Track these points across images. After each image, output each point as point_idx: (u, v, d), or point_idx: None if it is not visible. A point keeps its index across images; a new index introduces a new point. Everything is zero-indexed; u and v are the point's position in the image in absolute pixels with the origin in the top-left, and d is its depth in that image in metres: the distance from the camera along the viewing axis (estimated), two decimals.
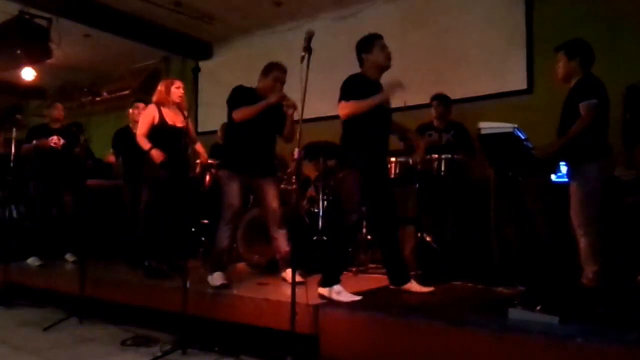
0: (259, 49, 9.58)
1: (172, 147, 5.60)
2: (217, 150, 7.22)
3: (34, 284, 6.48)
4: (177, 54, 10.39)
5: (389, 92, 4.52)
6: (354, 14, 8.35)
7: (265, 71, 5.33)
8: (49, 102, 7.71)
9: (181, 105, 5.94)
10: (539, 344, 3.15)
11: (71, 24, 8.39)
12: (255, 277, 5.59)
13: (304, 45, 3.95)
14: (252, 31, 9.58)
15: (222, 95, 5.87)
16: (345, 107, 4.40)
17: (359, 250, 6.21)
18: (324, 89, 7.73)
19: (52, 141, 6.97)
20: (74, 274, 5.76)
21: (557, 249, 4.76)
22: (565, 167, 4.60)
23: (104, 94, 10.81)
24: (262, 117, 5.00)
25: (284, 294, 4.08)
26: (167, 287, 5.07)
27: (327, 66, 7.64)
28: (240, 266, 6.43)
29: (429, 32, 7.75)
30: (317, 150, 6.45)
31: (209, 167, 6.86)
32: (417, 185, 6.05)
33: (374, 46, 4.63)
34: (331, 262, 4.46)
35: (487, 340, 3.32)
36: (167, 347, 4.24)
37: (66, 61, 9.76)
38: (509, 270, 5.05)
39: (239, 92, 5.19)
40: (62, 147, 7.04)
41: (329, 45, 8.33)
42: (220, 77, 9.69)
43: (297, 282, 3.88)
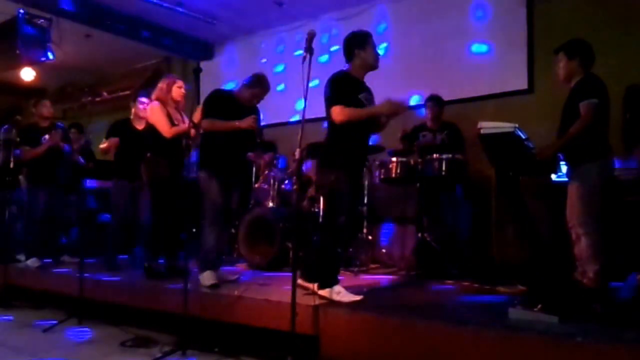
0: (260, 49, 9.60)
1: (176, 147, 5.49)
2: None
3: (33, 286, 6.47)
4: (179, 54, 10.38)
5: (391, 110, 4.44)
6: (356, 15, 8.34)
7: (250, 83, 5.33)
8: (35, 100, 7.42)
9: (180, 104, 5.84)
10: (539, 343, 3.15)
11: (72, 24, 8.40)
12: (255, 277, 5.57)
13: (306, 46, 3.92)
14: (254, 32, 9.57)
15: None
16: (342, 113, 4.29)
17: (360, 250, 6.21)
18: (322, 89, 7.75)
19: (54, 140, 6.80)
20: (73, 275, 5.75)
21: (558, 249, 4.74)
22: (565, 167, 4.59)
23: (105, 94, 10.81)
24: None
25: (285, 294, 4.07)
26: (167, 288, 5.06)
27: (328, 66, 7.66)
28: (241, 267, 6.43)
29: (430, 33, 7.75)
30: (318, 150, 6.46)
31: None
32: (417, 185, 6.04)
33: (367, 43, 4.52)
34: (326, 264, 4.41)
35: (487, 340, 3.31)
36: (167, 348, 4.23)
37: (67, 61, 9.73)
38: (509, 270, 5.05)
39: (216, 99, 5.20)
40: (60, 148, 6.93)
41: (330, 45, 8.35)
42: (221, 77, 9.69)
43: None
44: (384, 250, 6.47)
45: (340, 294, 4.23)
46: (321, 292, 4.23)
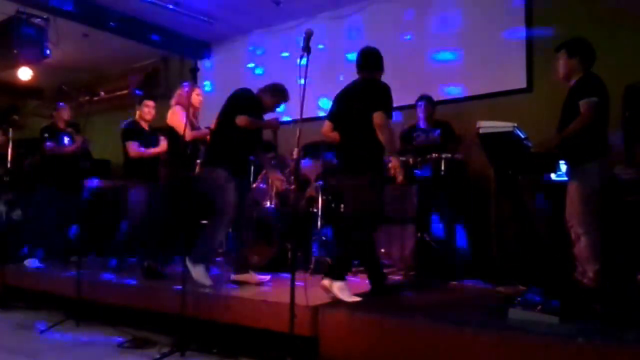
0: (258, 48, 9.58)
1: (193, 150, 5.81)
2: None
3: (30, 286, 6.44)
4: (176, 53, 10.36)
5: None
6: (353, 13, 8.33)
7: (273, 91, 5.43)
8: (56, 103, 7.79)
9: (197, 111, 6.08)
10: (539, 344, 3.14)
11: (69, 23, 8.37)
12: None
13: (303, 45, 3.93)
14: (251, 30, 9.54)
15: (220, 94, 5.89)
16: (384, 120, 4.46)
17: None
18: (322, 88, 7.74)
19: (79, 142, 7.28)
20: (70, 275, 5.73)
21: (558, 249, 4.73)
22: (565, 166, 4.58)
23: (102, 93, 10.77)
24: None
25: (283, 295, 4.05)
26: (165, 288, 5.04)
27: (325, 65, 7.63)
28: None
29: (428, 31, 7.73)
30: (317, 149, 6.44)
31: None
32: (417, 185, 6.03)
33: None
34: (345, 259, 4.54)
35: (487, 340, 3.30)
36: (165, 349, 4.22)
37: (64, 61, 9.74)
38: (509, 269, 5.04)
39: (253, 99, 5.31)
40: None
41: (327, 44, 8.33)
42: (218, 76, 9.67)
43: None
44: (383, 250, 6.44)
45: (343, 291, 4.27)
46: (324, 282, 4.32)
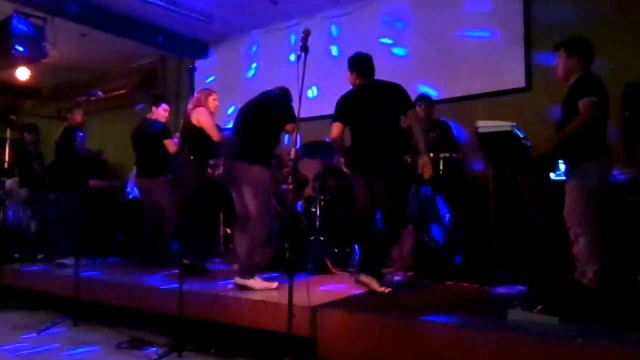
0: (255, 47, 9.57)
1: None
2: None
3: (28, 286, 6.41)
4: (174, 53, 10.34)
5: None
6: (351, 13, 8.33)
7: (288, 96, 5.43)
8: (71, 106, 8.00)
9: (214, 115, 6.24)
10: (539, 345, 3.13)
11: (67, 23, 8.35)
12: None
13: (301, 44, 3.91)
14: (249, 30, 9.53)
15: (218, 94, 5.93)
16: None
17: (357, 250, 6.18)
18: (320, 88, 7.74)
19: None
20: (68, 275, 5.71)
21: (557, 249, 4.72)
22: (563, 166, 4.57)
23: (99, 93, 10.76)
24: None
25: (281, 295, 4.04)
26: (163, 289, 5.02)
27: (323, 65, 7.62)
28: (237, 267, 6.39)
29: (426, 31, 7.72)
30: (316, 149, 6.43)
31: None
32: (415, 185, 6.01)
33: None
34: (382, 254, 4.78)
35: (486, 341, 3.29)
36: (163, 350, 4.21)
37: (61, 60, 9.71)
38: (508, 270, 5.02)
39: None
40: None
41: (325, 44, 8.33)
42: (216, 76, 9.67)
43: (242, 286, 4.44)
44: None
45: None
46: (363, 278, 4.60)
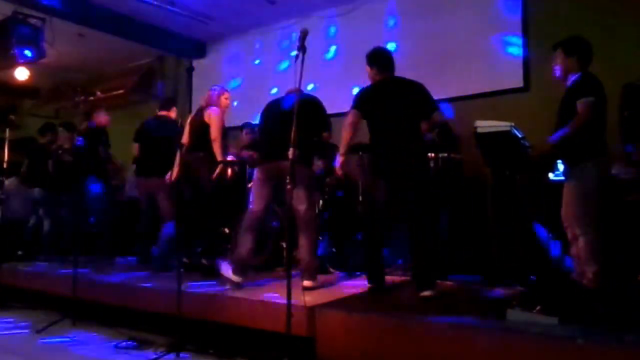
0: (253, 47, 9.57)
1: None
2: None
3: (26, 286, 6.41)
4: (172, 53, 10.35)
5: None
6: (348, 13, 8.33)
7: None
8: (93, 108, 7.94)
9: (224, 113, 6.22)
10: (538, 345, 3.12)
11: (65, 23, 8.36)
12: (250, 278, 5.51)
13: (298, 44, 3.91)
14: (246, 30, 9.53)
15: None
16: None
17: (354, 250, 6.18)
18: (317, 88, 7.73)
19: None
20: (67, 275, 5.70)
21: (555, 249, 4.72)
22: (562, 166, 4.57)
23: (98, 93, 10.77)
24: None
25: (280, 295, 4.03)
26: (162, 289, 5.01)
27: (320, 64, 7.62)
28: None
29: (424, 30, 7.72)
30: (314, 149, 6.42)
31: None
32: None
33: None
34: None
35: (485, 341, 3.28)
36: (161, 350, 4.21)
37: (60, 61, 9.72)
38: (507, 270, 5.02)
39: None
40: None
41: (322, 44, 8.32)
42: (214, 76, 9.66)
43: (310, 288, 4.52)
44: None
45: None
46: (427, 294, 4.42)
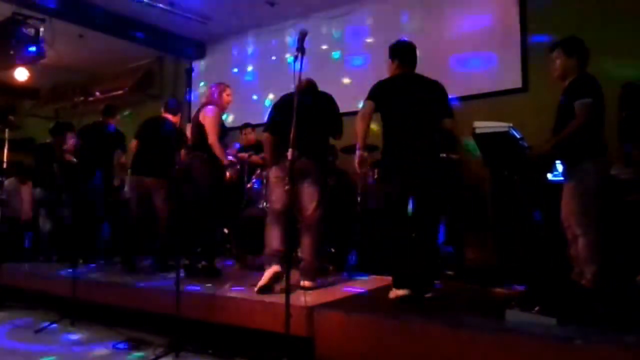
0: (252, 48, 9.59)
1: None
2: None
3: (25, 286, 6.42)
4: (171, 53, 10.36)
5: None
6: (347, 14, 8.34)
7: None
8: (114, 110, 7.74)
9: (224, 111, 6.18)
10: (537, 346, 3.12)
11: (65, 24, 8.37)
12: (249, 278, 5.51)
13: (297, 45, 3.89)
14: (246, 31, 9.56)
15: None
16: None
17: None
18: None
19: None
20: (66, 275, 5.70)
21: (555, 249, 4.72)
22: (561, 166, 4.57)
23: (97, 94, 10.77)
24: None
25: (279, 295, 4.04)
26: (161, 289, 5.01)
27: (320, 65, 7.62)
28: (234, 267, 6.41)
29: (422, 31, 7.72)
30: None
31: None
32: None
33: None
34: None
35: (484, 342, 3.28)
36: (160, 350, 4.20)
37: (60, 61, 9.71)
38: (506, 270, 5.02)
39: None
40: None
41: (322, 44, 8.33)
42: (213, 76, 9.66)
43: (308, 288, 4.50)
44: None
45: None
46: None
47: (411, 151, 4.41)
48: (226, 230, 7.14)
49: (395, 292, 4.27)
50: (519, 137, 4.37)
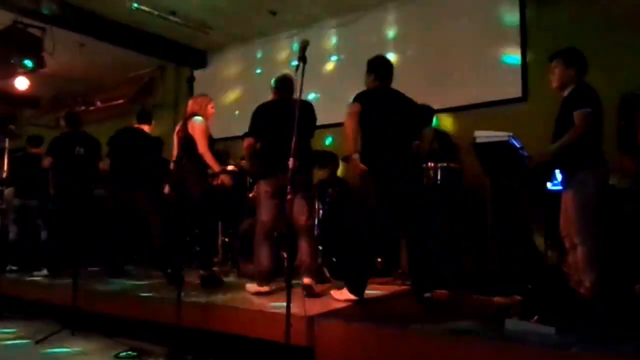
0: (253, 57, 9.62)
1: None
2: None
3: (25, 296, 6.40)
4: (172, 62, 10.39)
5: None
6: (349, 23, 8.37)
7: None
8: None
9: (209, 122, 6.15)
10: (536, 355, 3.13)
11: (66, 33, 8.39)
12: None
13: (299, 55, 3.93)
14: (247, 40, 9.60)
15: (215, 103, 5.92)
16: None
17: None
18: (318, 98, 7.74)
19: None
20: (66, 285, 5.69)
21: (554, 258, 4.73)
22: (560, 175, 4.59)
23: (98, 103, 10.81)
24: None
25: (279, 305, 4.04)
26: (161, 298, 5.02)
27: (321, 74, 7.65)
28: (234, 276, 6.41)
29: (423, 41, 7.77)
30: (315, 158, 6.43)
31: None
32: None
33: None
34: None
35: (483, 351, 3.29)
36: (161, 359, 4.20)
37: (60, 70, 9.77)
38: (505, 279, 5.03)
39: None
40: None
41: (324, 54, 8.36)
42: (214, 85, 9.70)
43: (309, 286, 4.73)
44: (379, 259, 6.42)
45: None
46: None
47: (389, 160, 4.61)
48: (226, 239, 7.14)
49: (345, 294, 4.60)
50: (518, 146, 4.39)
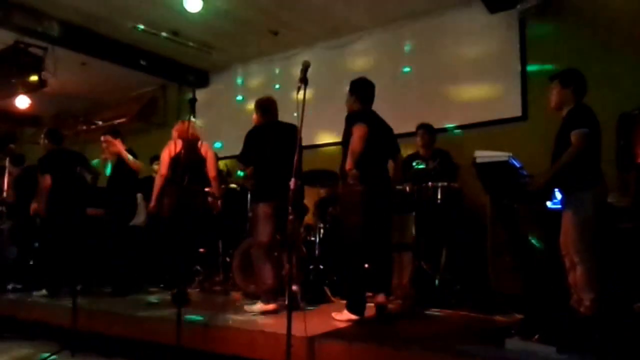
0: (255, 77, 9.65)
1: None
2: None
3: (25, 317, 6.36)
4: (174, 82, 10.43)
5: None
6: (349, 44, 8.42)
7: None
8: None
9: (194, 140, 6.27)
10: None
11: (67, 52, 8.44)
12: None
13: (300, 76, 3.95)
14: (249, 60, 9.65)
15: (217, 123, 5.95)
16: None
17: None
18: (319, 117, 7.76)
19: None
20: (66, 306, 5.67)
21: (555, 277, 4.73)
22: (560, 194, 4.60)
23: (99, 122, 10.82)
24: None
25: (280, 325, 4.03)
26: (161, 318, 5.00)
27: (322, 94, 7.67)
28: (235, 296, 6.39)
29: (423, 61, 7.81)
30: (315, 178, 6.45)
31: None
32: (414, 213, 6.03)
33: None
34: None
35: None
36: None
37: (62, 89, 9.80)
38: (506, 298, 5.02)
39: None
40: None
41: (324, 73, 8.39)
42: (216, 105, 9.73)
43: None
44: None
45: None
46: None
47: (378, 180, 4.81)
48: (228, 259, 7.12)
49: (346, 315, 4.63)
50: (518, 166, 4.41)
